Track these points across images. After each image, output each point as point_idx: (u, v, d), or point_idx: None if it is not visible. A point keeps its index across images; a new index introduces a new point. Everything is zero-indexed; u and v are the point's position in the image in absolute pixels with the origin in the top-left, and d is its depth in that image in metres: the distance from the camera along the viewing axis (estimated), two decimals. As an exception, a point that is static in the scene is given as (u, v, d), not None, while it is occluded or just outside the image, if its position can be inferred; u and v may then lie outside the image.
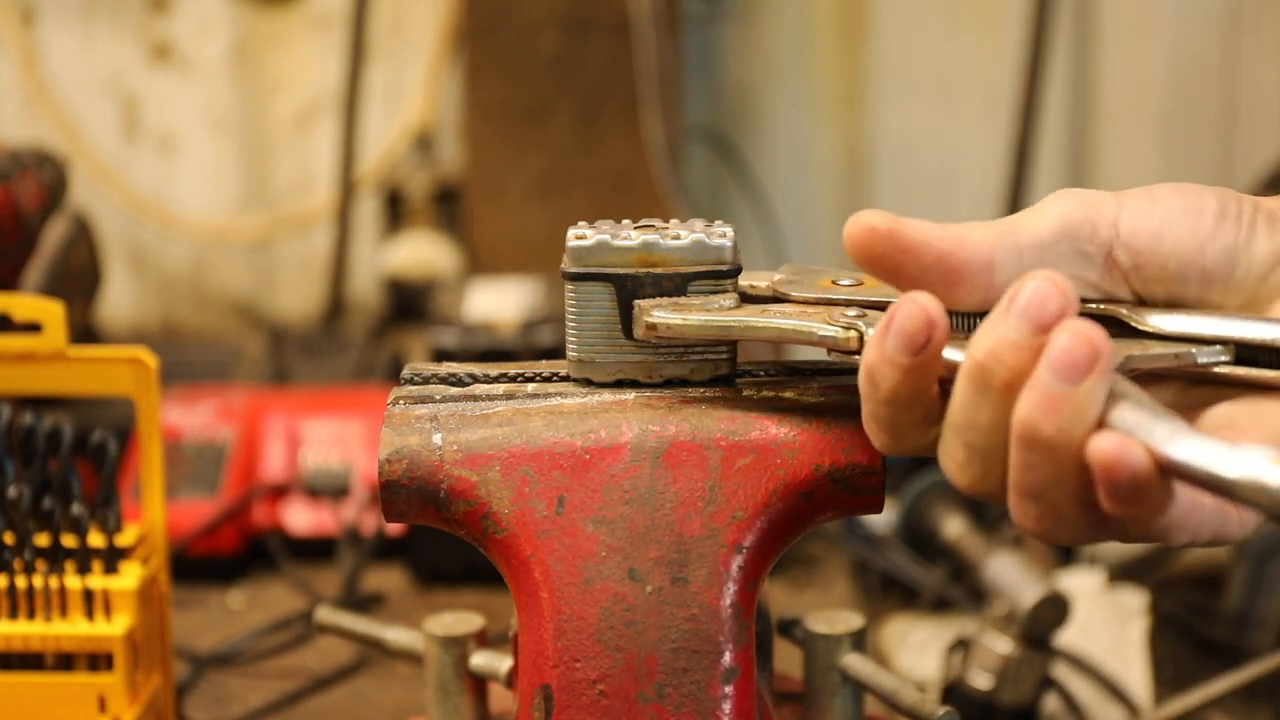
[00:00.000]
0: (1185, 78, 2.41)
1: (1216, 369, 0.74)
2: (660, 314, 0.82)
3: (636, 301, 0.83)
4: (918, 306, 0.72)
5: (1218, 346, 0.74)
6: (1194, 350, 0.74)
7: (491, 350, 1.53)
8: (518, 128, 2.39)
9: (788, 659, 0.94)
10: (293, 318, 2.65)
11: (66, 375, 1.09)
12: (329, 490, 1.62)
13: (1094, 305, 0.76)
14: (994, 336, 0.69)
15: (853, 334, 0.77)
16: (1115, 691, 1.30)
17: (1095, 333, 0.67)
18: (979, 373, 0.70)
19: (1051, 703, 1.28)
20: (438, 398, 0.85)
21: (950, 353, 0.72)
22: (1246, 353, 0.74)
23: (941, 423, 0.73)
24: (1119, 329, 0.75)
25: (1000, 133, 2.40)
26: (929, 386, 0.73)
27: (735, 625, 0.80)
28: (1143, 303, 0.76)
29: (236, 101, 2.67)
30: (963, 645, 1.28)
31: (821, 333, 0.79)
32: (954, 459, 0.73)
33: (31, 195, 1.63)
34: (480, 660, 0.93)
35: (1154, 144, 2.44)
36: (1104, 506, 0.68)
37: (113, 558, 1.07)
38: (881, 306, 0.79)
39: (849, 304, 0.80)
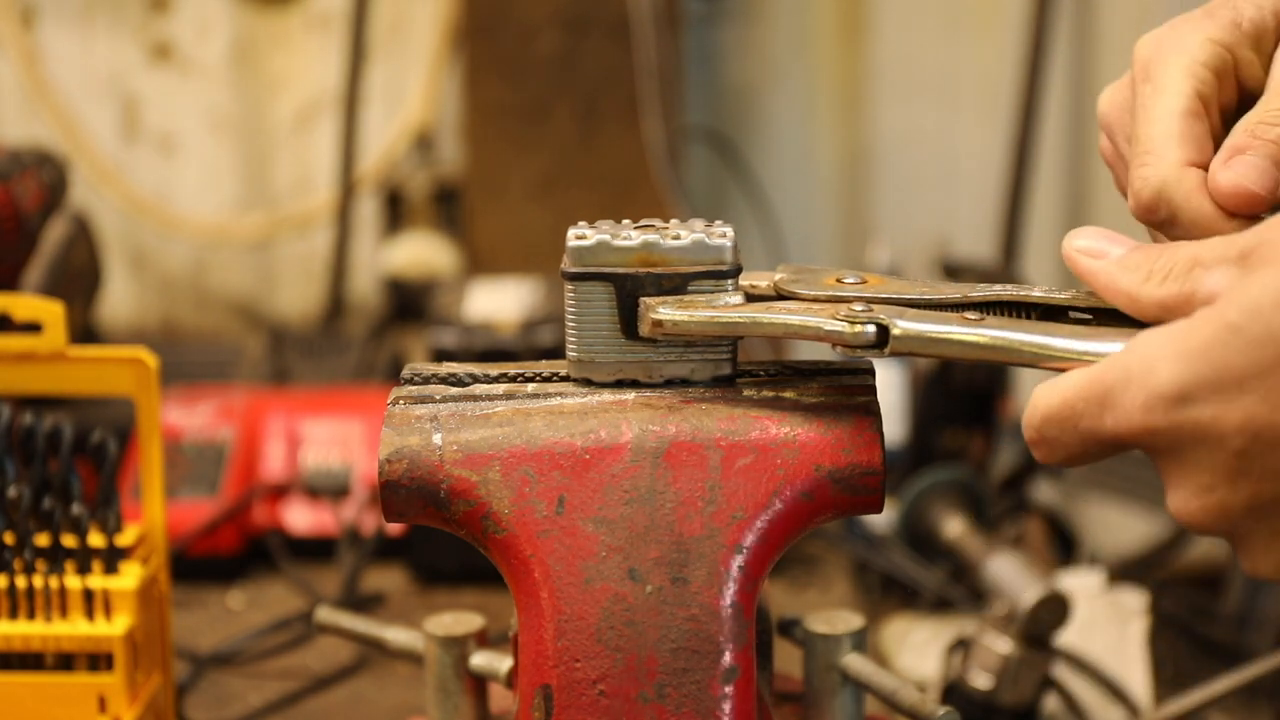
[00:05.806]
0: (1185, 78, 2.40)
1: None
2: (666, 311, 0.82)
3: (642, 299, 0.83)
4: None
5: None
6: None
7: (491, 350, 1.53)
8: (518, 128, 2.39)
9: (788, 659, 0.94)
10: (293, 318, 2.65)
11: (66, 375, 1.09)
12: (329, 490, 1.62)
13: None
14: None
15: (860, 329, 0.77)
16: (1115, 691, 1.30)
17: None
18: None
19: (1051, 703, 1.28)
20: (438, 398, 0.85)
21: None
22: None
23: None
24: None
25: (1000, 133, 2.39)
26: None
27: (735, 625, 0.80)
28: None
29: (236, 101, 2.67)
30: (963, 645, 1.28)
31: (828, 327, 0.78)
32: None
33: (31, 195, 1.62)
34: (480, 660, 0.93)
35: (1154, 144, 2.43)
36: None
37: (113, 558, 1.07)
38: (889, 303, 0.79)
39: (855, 300, 0.80)
